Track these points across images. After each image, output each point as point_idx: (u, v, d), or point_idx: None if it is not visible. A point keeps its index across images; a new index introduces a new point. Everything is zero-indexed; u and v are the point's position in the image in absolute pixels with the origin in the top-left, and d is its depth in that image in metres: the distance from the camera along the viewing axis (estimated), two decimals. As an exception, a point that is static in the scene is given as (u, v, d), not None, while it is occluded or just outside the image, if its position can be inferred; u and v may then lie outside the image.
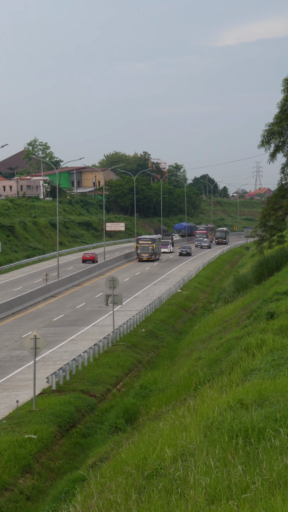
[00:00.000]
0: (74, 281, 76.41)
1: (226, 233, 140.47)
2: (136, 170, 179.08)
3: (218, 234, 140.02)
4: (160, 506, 12.28)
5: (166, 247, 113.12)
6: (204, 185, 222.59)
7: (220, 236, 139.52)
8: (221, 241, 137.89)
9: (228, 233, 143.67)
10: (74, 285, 75.16)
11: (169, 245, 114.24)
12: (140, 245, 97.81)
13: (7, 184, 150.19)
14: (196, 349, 39.28)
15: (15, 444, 25.95)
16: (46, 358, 41.40)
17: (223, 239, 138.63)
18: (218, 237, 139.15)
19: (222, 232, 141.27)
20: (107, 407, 33.55)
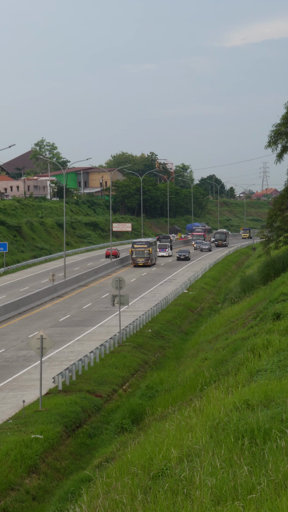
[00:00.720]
0: (81, 282, 76.48)
1: (226, 235, 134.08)
2: (143, 171, 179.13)
3: (217, 236, 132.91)
4: (166, 506, 12.29)
5: (164, 251, 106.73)
6: (211, 185, 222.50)
7: (219, 238, 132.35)
8: (220, 243, 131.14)
9: (228, 235, 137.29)
10: (80, 285, 75.23)
11: (167, 248, 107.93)
12: (135, 249, 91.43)
13: (14, 184, 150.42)
14: (202, 350, 39.27)
15: (21, 444, 26.00)
16: (52, 358, 41.45)
17: (222, 241, 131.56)
18: (217, 239, 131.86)
19: (222, 234, 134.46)
20: (113, 407, 33.57)
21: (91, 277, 79.81)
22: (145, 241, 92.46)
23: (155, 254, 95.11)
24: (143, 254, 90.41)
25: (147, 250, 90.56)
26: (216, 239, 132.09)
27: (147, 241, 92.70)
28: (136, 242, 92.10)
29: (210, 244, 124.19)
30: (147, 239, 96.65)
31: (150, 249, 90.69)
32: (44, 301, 64.81)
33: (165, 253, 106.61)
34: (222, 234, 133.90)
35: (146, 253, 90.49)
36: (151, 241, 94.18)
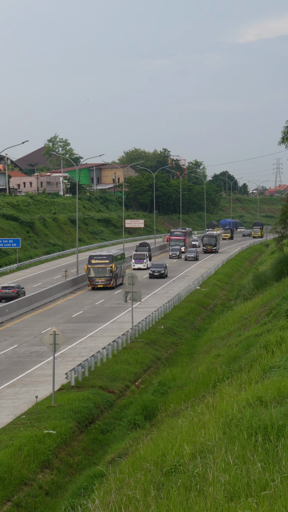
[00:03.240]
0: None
1: (216, 238, 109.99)
2: (155, 167, 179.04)
3: (206, 240, 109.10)
4: (179, 502, 12.29)
5: (142, 262, 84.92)
6: (223, 182, 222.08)
7: (208, 242, 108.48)
8: (210, 248, 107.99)
9: (219, 239, 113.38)
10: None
11: (145, 259, 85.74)
12: (92, 266, 68.21)
13: (27, 181, 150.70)
14: (215, 346, 39.23)
15: (34, 439, 26.07)
16: (65, 354, 41.53)
17: (212, 246, 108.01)
18: (206, 244, 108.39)
19: (211, 237, 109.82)
20: (126, 403, 33.60)
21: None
22: (106, 255, 68.97)
23: (121, 271, 72.09)
24: (103, 273, 67.94)
25: (109, 267, 67.86)
26: (204, 244, 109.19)
27: (109, 254, 69.24)
28: (94, 256, 69.03)
29: (197, 252, 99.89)
30: (110, 251, 73.49)
31: (113, 266, 68.00)
32: (57, 297, 64.93)
33: (142, 264, 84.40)
34: (211, 237, 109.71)
35: (107, 271, 67.91)
36: (116, 253, 71.02)
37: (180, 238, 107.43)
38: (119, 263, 70.92)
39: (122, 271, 72.24)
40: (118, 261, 70.38)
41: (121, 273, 71.40)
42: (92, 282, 68.55)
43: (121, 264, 72.31)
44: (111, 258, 68.34)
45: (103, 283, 68.00)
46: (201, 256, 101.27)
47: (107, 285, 68.01)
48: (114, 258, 68.68)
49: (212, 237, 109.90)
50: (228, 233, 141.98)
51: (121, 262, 72.35)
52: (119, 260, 70.95)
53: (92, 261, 68.34)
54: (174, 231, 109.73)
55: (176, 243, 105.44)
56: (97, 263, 68.20)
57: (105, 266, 68.06)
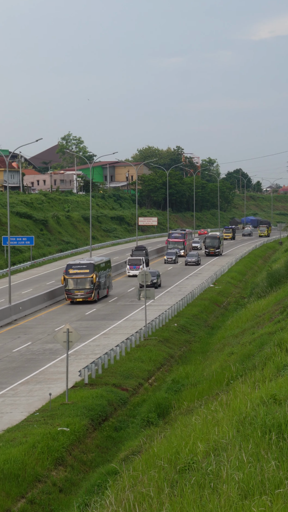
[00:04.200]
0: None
1: (219, 240, 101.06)
2: (169, 165, 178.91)
3: (208, 242, 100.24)
4: (193, 500, 12.28)
5: (137, 268, 74.92)
6: (237, 179, 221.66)
7: (211, 244, 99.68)
8: (213, 251, 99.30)
9: (222, 240, 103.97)
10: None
11: (141, 264, 75.71)
12: (70, 276, 59.00)
13: (41, 178, 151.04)
14: (228, 344, 39.19)
15: (48, 436, 26.15)
16: (78, 352, 41.61)
17: (215, 248, 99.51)
18: (208, 246, 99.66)
19: (213, 239, 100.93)
20: (139, 401, 33.62)
21: (117, 271, 79.86)
22: (86, 264, 59.68)
23: (107, 282, 63.53)
24: (83, 284, 58.95)
25: (89, 278, 58.81)
26: (207, 246, 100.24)
27: (90, 263, 59.90)
28: (72, 265, 59.81)
29: (198, 255, 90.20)
30: (92, 258, 64.12)
31: (94, 276, 58.80)
32: None
33: (138, 271, 72.14)
34: (214, 239, 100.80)
35: (88, 283, 58.98)
36: (98, 261, 61.58)
37: (178, 241, 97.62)
38: (102, 272, 61.55)
39: (107, 282, 63.48)
40: (101, 270, 61.14)
41: (106, 284, 62.73)
42: (69, 295, 59.08)
43: (106, 274, 62.91)
44: (92, 267, 59.04)
45: (83, 296, 58.89)
46: (203, 259, 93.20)
47: (87, 299, 58.84)
48: (95, 267, 59.46)
49: (215, 238, 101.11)
50: (229, 233, 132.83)
51: (106, 271, 62.86)
52: (102, 269, 61.58)
53: (70, 271, 59.04)
54: (172, 233, 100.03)
55: (174, 246, 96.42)
56: (76, 273, 58.91)
57: (85, 276, 58.78)
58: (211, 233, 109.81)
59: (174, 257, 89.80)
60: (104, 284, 62.36)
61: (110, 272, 65.01)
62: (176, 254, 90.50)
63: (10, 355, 41.56)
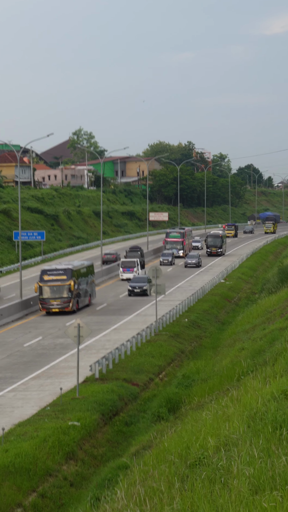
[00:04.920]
0: (117, 270, 76.59)
1: (221, 239, 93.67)
2: (180, 160, 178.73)
3: (210, 241, 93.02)
4: (204, 495, 12.32)
5: (131, 271, 68.94)
6: (248, 175, 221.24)
7: (213, 243, 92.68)
8: (214, 251, 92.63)
9: (225, 239, 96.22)
10: (117, 274, 75.37)
11: (136, 266, 69.31)
12: (44, 283, 51.85)
13: (52, 173, 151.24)
14: (239, 340, 39.20)
15: (59, 430, 26.25)
16: (89, 347, 41.71)
17: (217, 248, 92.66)
18: (210, 246, 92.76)
19: (215, 238, 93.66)
20: (150, 396, 33.68)
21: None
22: (63, 269, 52.45)
23: (90, 289, 56.71)
24: (59, 292, 51.78)
25: (66, 285, 51.59)
26: (208, 245, 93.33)
27: (67, 268, 52.65)
28: (47, 271, 52.57)
29: (199, 257, 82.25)
30: (71, 263, 55.89)
31: (72, 283, 51.62)
32: None
33: (131, 274, 68.13)
34: (216, 238, 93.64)
35: (65, 291, 51.76)
36: (78, 266, 54.68)
37: (177, 240, 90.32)
38: (83, 279, 54.68)
39: (90, 289, 56.48)
40: (81, 277, 54.23)
41: (87, 292, 55.72)
42: (44, 305, 51.89)
43: (88, 280, 55.94)
44: (70, 272, 51.89)
45: (59, 305, 51.77)
46: (204, 260, 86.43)
47: (64, 309, 51.77)
48: (74, 273, 52.41)
49: (217, 237, 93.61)
50: (232, 230, 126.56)
51: (87, 277, 55.94)
52: (83, 275, 54.66)
53: (45, 277, 51.97)
54: (170, 232, 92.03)
55: (172, 246, 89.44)
56: (51, 279, 51.76)
57: (62, 283, 51.51)
58: (213, 232, 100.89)
59: (170, 258, 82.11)
60: (85, 291, 55.14)
61: (93, 278, 58.05)
62: (172, 255, 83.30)
63: (21, 350, 41.72)
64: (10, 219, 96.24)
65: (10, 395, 32.27)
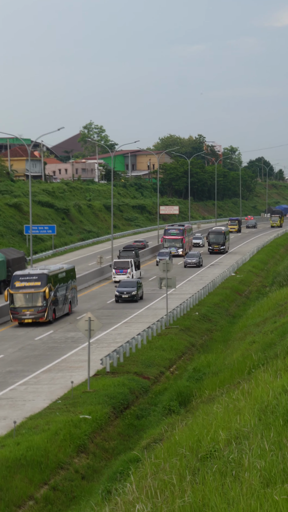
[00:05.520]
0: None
1: (224, 235, 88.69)
2: (190, 153, 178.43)
3: (212, 238, 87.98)
4: (215, 488, 12.33)
5: (124, 272, 63.44)
6: (259, 168, 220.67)
7: (215, 240, 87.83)
8: (217, 248, 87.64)
9: (228, 235, 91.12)
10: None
11: (129, 267, 63.75)
12: (16, 291, 46.53)
13: (63, 167, 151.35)
14: (250, 333, 39.17)
15: (70, 424, 26.33)
16: (100, 340, 41.78)
17: (220, 245, 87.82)
18: (212, 243, 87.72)
19: (218, 234, 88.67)
20: (161, 389, 33.74)
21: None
22: (37, 274, 47.07)
23: (69, 296, 50.58)
24: (32, 301, 46.31)
25: (41, 292, 46.10)
26: (210, 242, 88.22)
27: (42, 273, 47.15)
28: (20, 276, 47.23)
29: (200, 256, 77.00)
30: (47, 267, 49.92)
31: (47, 290, 46.20)
32: (92, 284, 65.22)
33: (125, 276, 63.12)
34: (219, 234, 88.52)
35: (39, 299, 46.11)
36: (55, 271, 48.86)
37: (176, 238, 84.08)
38: (61, 285, 48.96)
39: (70, 296, 50.63)
40: (59, 283, 48.58)
41: (67, 299, 49.87)
42: (15, 315, 46.35)
43: (67, 286, 50.19)
44: (45, 278, 46.47)
45: (32, 316, 46.27)
46: (205, 259, 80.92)
47: (38, 319, 46.22)
48: (50, 278, 46.93)
49: (219, 233, 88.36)
50: (235, 225, 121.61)
51: (67, 283, 50.27)
52: (61, 281, 49.00)
53: (17, 284, 46.45)
54: (169, 229, 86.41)
55: (170, 244, 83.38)
56: (24, 286, 46.38)
57: (36, 291, 46.10)
58: (215, 228, 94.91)
59: (167, 257, 73.35)
60: (64, 299, 49.43)
61: (75, 283, 52.19)
62: (170, 254, 76.33)
63: (33, 343, 41.85)
64: (21, 213, 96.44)
65: (21, 388, 32.39)
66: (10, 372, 35.31)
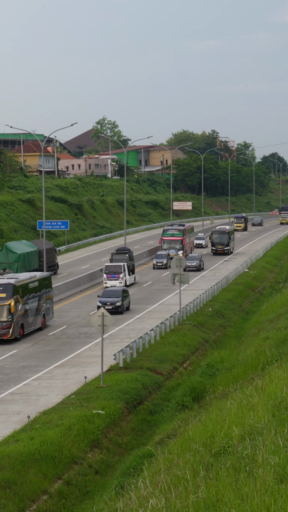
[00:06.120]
0: (141, 260, 76.58)
1: (228, 235, 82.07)
2: (204, 149, 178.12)
3: (216, 238, 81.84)
4: (228, 483, 12.36)
5: (117, 278, 57.75)
6: (273, 163, 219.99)
7: (219, 240, 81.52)
8: (221, 249, 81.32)
9: (232, 235, 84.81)
10: (140, 263, 75.40)
11: (122, 272, 58.01)
12: None
13: (76, 163, 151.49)
14: (263, 329, 39.12)
15: (83, 419, 26.42)
16: (113, 336, 41.85)
17: (224, 246, 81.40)
18: (216, 243, 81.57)
19: (222, 234, 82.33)
20: (174, 385, 33.77)
21: (151, 255, 79.83)
22: (2, 284, 41.15)
23: (41, 309, 44.02)
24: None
25: (6, 306, 40.41)
26: (214, 243, 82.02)
27: (7, 283, 41.29)
28: None
29: (201, 258, 70.57)
30: (14, 276, 44.28)
31: (13, 303, 40.55)
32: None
33: (117, 281, 57.41)
34: (223, 234, 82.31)
35: (4, 312, 40.33)
36: (23, 281, 42.80)
37: (175, 239, 76.82)
38: (32, 296, 42.94)
39: (44, 307, 44.54)
40: (29, 293, 42.64)
41: (39, 311, 43.85)
42: None
43: (40, 296, 43.98)
44: (11, 289, 40.69)
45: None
46: (208, 261, 74.96)
47: (2, 336, 40.30)
48: (17, 289, 41.10)
49: (223, 233, 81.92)
50: (241, 223, 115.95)
51: (40, 292, 44.06)
52: (32, 291, 43.04)
53: None
54: (168, 229, 79.31)
55: (169, 246, 76.37)
56: None
57: None
58: (218, 227, 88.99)
59: (165, 260, 69.71)
60: (36, 311, 43.40)
61: (50, 293, 45.63)
62: (167, 257, 70.61)
63: (46, 339, 41.98)
64: (34, 209, 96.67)
65: (35, 383, 32.52)
66: (24, 367, 35.46)
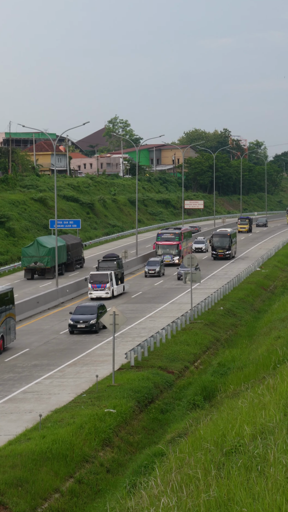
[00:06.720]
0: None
1: (230, 238, 76.96)
2: (215, 148, 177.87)
3: (217, 242, 76.62)
4: (240, 482, 12.36)
5: (102, 288, 53.33)
6: (285, 162, 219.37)
7: (220, 244, 76.35)
8: (221, 253, 76.33)
9: (234, 238, 79.71)
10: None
11: (109, 282, 53.58)
12: None
13: (88, 162, 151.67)
14: (275, 328, 39.04)
15: (95, 417, 26.46)
16: (124, 334, 41.88)
17: (225, 250, 76.32)
18: (216, 247, 76.41)
19: (223, 237, 76.97)
20: (185, 384, 33.76)
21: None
22: None
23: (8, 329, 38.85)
24: None
25: None
26: (215, 247, 76.77)
27: None
28: None
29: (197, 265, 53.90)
30: None
31: None
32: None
33: (103, 292, 53.24)
34: (224, 237, 76.87)
35: None
36: None
37: (170, 244, 71.48)
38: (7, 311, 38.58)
39: (3, 328, 38.36)
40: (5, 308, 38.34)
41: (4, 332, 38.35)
42: None
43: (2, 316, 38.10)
44: None
45: None
46: (207, 267, 70.01)
47: None
48: None
49: (224, 236, 76.61)
50: (245, 224, 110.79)
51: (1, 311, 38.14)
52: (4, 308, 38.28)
53: None
54: (162, 233, 73.59)
55: (164, 251, 71.49)
56: None
57: None
58: (219, 230, 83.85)
59: (158, 268, 64.83)
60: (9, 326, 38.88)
61: (11, 311, 39.62)
62: (160, 264, 65.85)
63: (58, 337, 42.07)
64: (46, 208, 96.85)
65: (47, 382, 32.60)
66: (36, 366, 35.54)
